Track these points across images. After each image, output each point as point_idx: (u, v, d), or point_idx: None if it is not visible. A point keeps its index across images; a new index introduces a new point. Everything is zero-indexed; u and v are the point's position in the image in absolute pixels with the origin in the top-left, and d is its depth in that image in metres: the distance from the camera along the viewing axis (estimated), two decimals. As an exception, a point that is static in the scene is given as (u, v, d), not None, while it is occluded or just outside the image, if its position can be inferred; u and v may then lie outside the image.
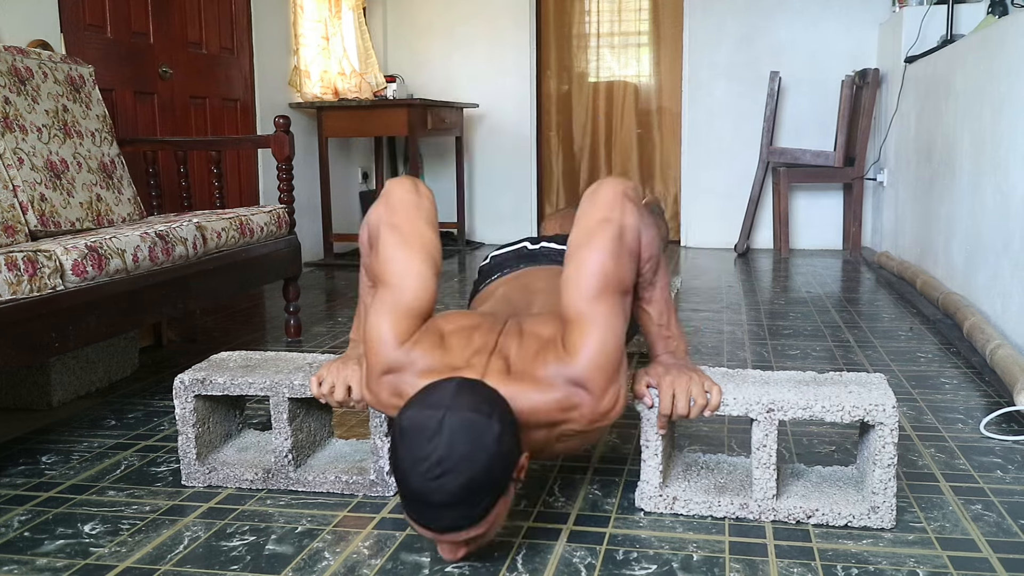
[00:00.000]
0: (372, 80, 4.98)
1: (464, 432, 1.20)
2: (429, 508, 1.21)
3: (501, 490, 1.24)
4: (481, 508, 1.22)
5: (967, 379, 2.36)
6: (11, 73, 2.43)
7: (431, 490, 1.19)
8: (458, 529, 1.23)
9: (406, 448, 1.21)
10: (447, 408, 1.22)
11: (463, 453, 1.19)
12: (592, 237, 1.42)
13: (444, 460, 1.18)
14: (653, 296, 1.54)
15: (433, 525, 1.23)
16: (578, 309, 1.38)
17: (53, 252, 1.90)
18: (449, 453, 1.18)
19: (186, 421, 1.70)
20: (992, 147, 2.83)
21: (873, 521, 1.47)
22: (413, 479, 1.20)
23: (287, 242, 2.94)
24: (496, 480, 1.22)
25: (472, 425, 1.21)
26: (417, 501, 1.21)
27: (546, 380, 1.36)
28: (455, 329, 1.45)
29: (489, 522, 1.26)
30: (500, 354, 1.41)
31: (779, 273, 4.27)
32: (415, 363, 1.40)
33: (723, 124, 5.15)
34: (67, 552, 1.44)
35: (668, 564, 1.37)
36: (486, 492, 1.21)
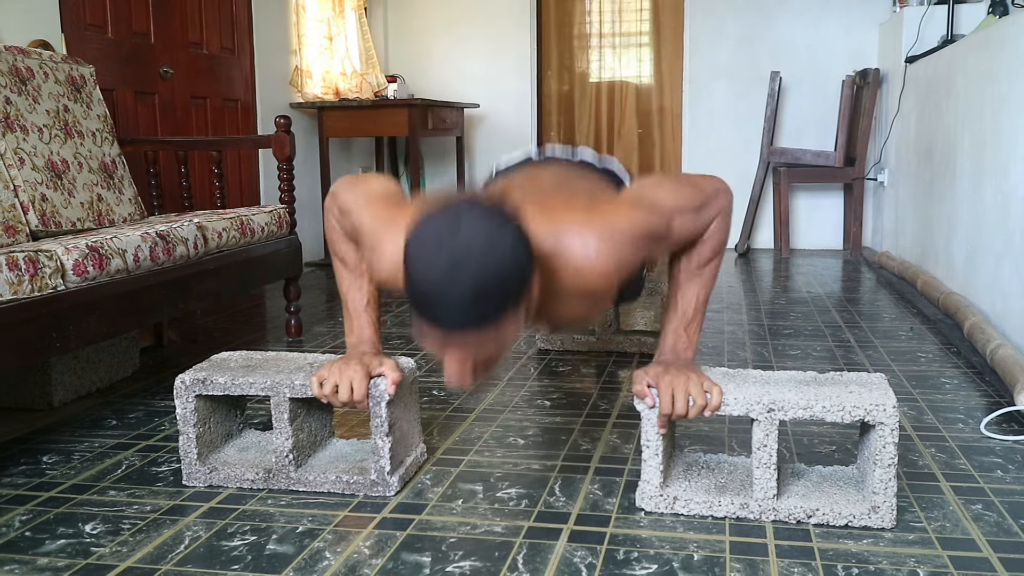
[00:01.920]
0: (373, 80, 4.98)
1: (480, 235, 1.17)
2: (440, 304, 1.18)
3: (513, 300, 1.21)
4: (492, 310, 1.19)
5: (967, 379, 2.36)
6: (12, 73, 2.43)
7: (443, 286, 1.16)
8: (468, 327, 1.20)
9: (420, 249, 1.19)
10: (462, 214, 1.20)
11: (478, 253, 1.16)
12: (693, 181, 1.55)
13: (459, 258, 1.16)
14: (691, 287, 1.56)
15: (443, 321, 1.20)
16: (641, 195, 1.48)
17: (54, 252, 1.90)
18: (464, 253, 1.16)
19: (187, 421, 1.70)
20: (993, 147, 2.83)
21: (873, 521, 1.47)
22: (425, 277, 1.17)
23: (288, 242, 2.94)
24: (510, 285, 1.19)
25: (488, 230, 1.18)
26: (428, 297, 1.18)
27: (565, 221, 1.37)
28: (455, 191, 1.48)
29: (498, 335, 1.23)
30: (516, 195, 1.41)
31: (780, 273, 4.27)
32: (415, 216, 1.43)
33: (724, 124, 5.15)
34: (68, 552, 1.44)
35: (669, 564, 1.37)
36: (499, 295, 1.19)
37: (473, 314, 1.18)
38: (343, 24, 4.84)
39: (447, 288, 1.16)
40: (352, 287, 1.70)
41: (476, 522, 1.52)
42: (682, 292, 1.55)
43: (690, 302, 1.56)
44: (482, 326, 1.20)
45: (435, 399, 2.24)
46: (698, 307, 1.56)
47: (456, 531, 1.49)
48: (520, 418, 2.09)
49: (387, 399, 1.60)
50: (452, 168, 5.50)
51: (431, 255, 1.17)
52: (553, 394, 2.29)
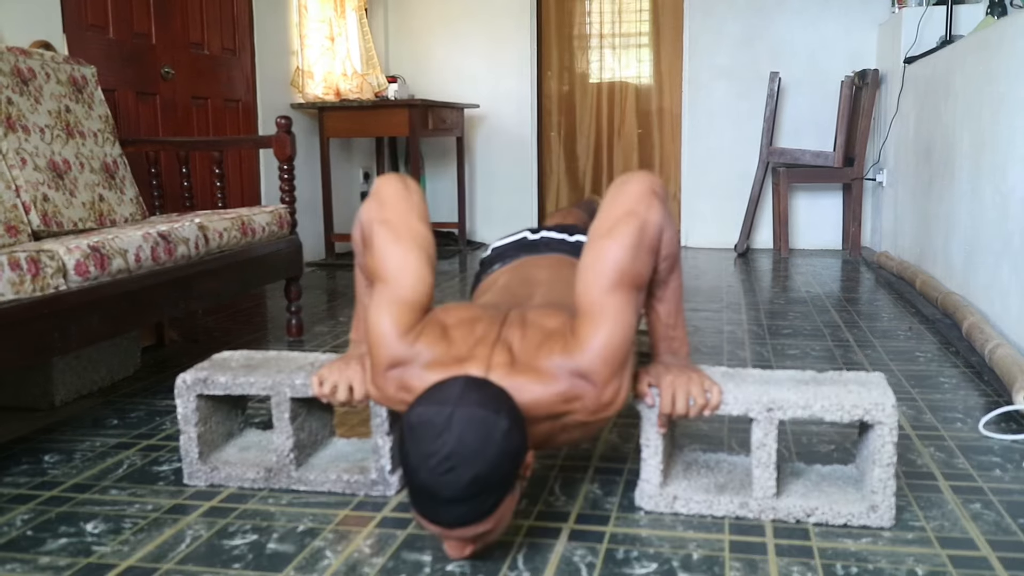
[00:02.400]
0: (373, 81, 4.99)
1: (473, 428, 1.21)
2: (437, 503, 1.22)
3: (508, 487, 1.25)
4: (489, 504, 1.23)
5: (966, 378, 2.37)
6: (14, 74, 2.44)
7: (440, 485, 1.20)
8: (466, 524, 1.24)
9: (415, 443, 1.22)
10: (455, 405, 1.23)
11: (472, 448, 1.20)
12: (614, 228, 1.42)
13: (453, 455, 1.19)
14: (665, 295, 1.55)
15: (441, 520, 1.24)
16: (591, 300, 1.39)
17: (56, 252, 1.91)
18: (458, 448, 1.19)
19: (188, 420, 1.70)
20: (991, 147, 2.84)
21: (872, 520, 1.47)
22: (422, 474, 1.21)
23: (288, 242, 2.94)
24: (504, 476, 1.23)
25: (481, 421, 1.22)
26: (425, 496, 1.22)
27: (549, 372, 1.36)
28: (457, 321, 1.46)
29: (496, 518, 1.26)
30: (503, 345, 1.41)
31: (779, 273, 4.28)
32: (420, 355, 1.41)
33: (723, 124, 5.16)
34: (69, 551, 1.45)
35: (668, 563, 1.37)
36: (494, 488, 1.22)
37: (469, 512, 1.22)
38: (344, 25, 4.84)
39: (442, 488, 1.20)
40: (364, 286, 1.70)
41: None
42: (659, 302, 1.56)
43: (669, 308, 1.56)
44: (479, 521, 1.24)
45: (435, 399, 2.25)
46: (677, 309, 1.57)
47: (456, 530, 1.49)
48: (520, 418, 2.09)
49: (388, 398, 1.61)
50: (452, 168, 5.51)
51: (424, 451, 1.21)
52: (553, 394, 2.29)
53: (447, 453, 1.19)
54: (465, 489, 1.20)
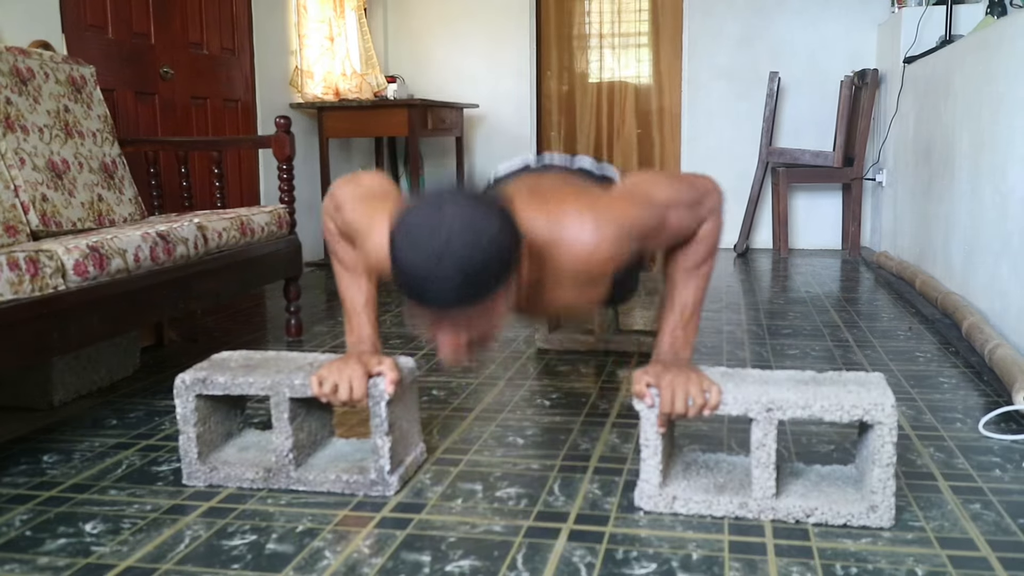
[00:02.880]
0: (373, 81, 4.99)
1: (465, 220, 1.19)
2: (430, 283, 1.19)
3: (502, 278, 1.23)
4: (481, 289, 1.21)
5: (966, 378, 2.37)
6: (13, 73, 2.44)
7: (431, 269, 1.18)
8: (459, 304, 1.21)
9: (406, 236, 1.20)
10: (447, 201, 1.21)
11: (463, 237, 1.18)
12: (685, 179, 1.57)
13: (445, 243, 1.17)
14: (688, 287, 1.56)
15: (436, 298, 1.21)
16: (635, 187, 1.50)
17: (55, 252, 1.90)
18: (450, 237, 1.17)
19: (187, 420, 1.70)
20: (991, 147, 2.84)
21: (872, 520, 1.47)
22: (413, 262, 1.19)
23: (288, 242, 2.94)
24: (497, 265, 1.21)
25: (473, 215, 1.20)
26: (418, 279, 1.20)
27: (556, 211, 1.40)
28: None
29: (489, 311, 1.25)
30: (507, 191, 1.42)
31: (778, 273, 4.28)
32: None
33: (723, 124, 5.15)
34: (68, 551, 1.45)
35: (668, 563, 1.37)
36: (486, 274, 1.20)
37: (461, 293, 1.20)
38: (343, 24, 4.84)
39: (434, 269, 1.18)
40: (351, 287, 1.71)
41: (476, 521, 1.53)
42: (678, 292, 1.56)
43: (686, 302, 1.56)
44: (471, 304, 1.22)
45: (435, 399, 2.25)
46: (694, 307, 1.57)
47: (456, 530, 1.49)
48: (520, 418, 2.09)
49: (386, 398, 1.61)
50: (452, 168, 5.51)
51: (417, 238, 1.19)
52: (552, 394, 2.29)
53: (439, 242, 1.17)
54: (457, 271, 1.17)
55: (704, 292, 1.58)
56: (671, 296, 1.57)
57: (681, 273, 1.56)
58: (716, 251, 1.57)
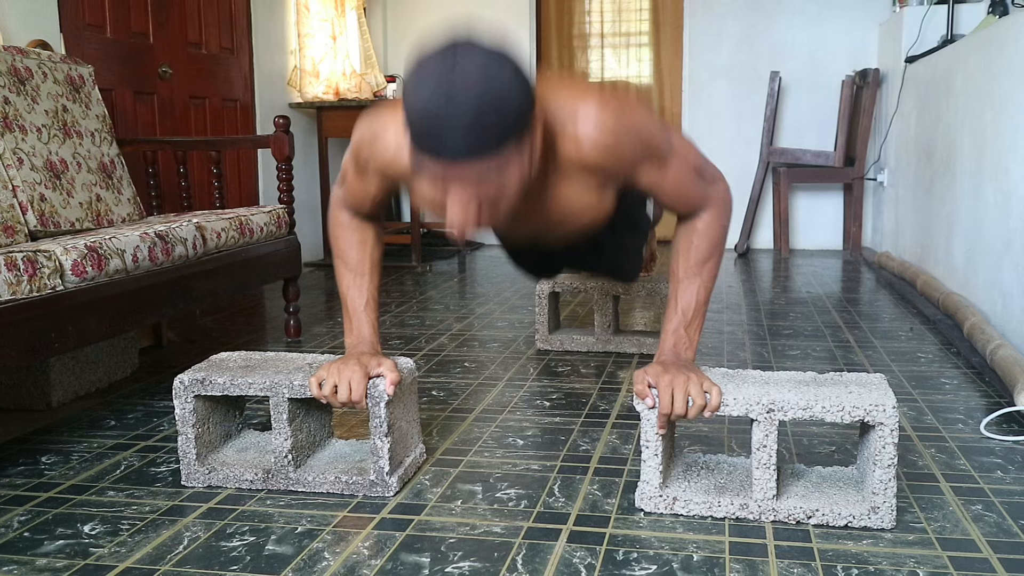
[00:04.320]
0: (372, 80, 4.98)
1: (478, 64, 1.16)
2: (440, 131, 1.15)
3: (515, 130, 1.19)
4: (494, 138, 1.17)
5: (967, 379, 2.36)
6: (11, 73, 2.43)
7: (444, 109, 1.14)
8: (471, 156, 1.17)
9: (418, 78, 1.17)
10: (460, 46, 1.18)
11: (476, 79, 1.14)
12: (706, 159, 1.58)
13: (458, 84, 1.14)
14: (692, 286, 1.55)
15: (444, 149, 1.17)
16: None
17: (53, 252, 1.90)
18: (463, 81, 1.14)
19: (186, 421, 1.70)
20: (993, 147, 2.83)
21: (873, 521, 1.47)
22: (424, 104, 1.15)
23: (287, 242, 2.94)
24: (510, 114, 1.17)
25: (486, 61, 1.17)
26: (429, 125, 1.16)
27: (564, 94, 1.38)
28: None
29: (501, 168, 1.21)
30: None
31: (779, 273, 4.27)
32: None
33: (723, 124, 5.15)
34: (67, 552, 1.44)
35: (668, 564, 1.36)
36: (499, 123, 1.16)
37: (474, 141, 1.16)
38: (344, 24, 4.84)
39: (446, 115, 1.14)
40: (352, 287, 1.70)
41: (475, 522, 1.52)
42: (682, 291, 1.55)
43: (690, 302, 1.56)
44: (483, 155, 1.18)
45: (434, 399, 2.24)
46: (698, 307, 1.56)
47: (455, 531, 1.49)
48: (519, 418, 2.09)
49: (386, 399, 1.60)
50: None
51: (429, 85, 1.15)
52: (552, 394, 2.28)
53: (451, 84, 1.14)
54: (469, 115, 1.14)
55: (709, 293, 1.57)
56: (675, 296, 1.56)
57: (684, 272, 1.55)
58: (721, 249, 1.56)
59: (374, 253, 1.73)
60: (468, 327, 3.12)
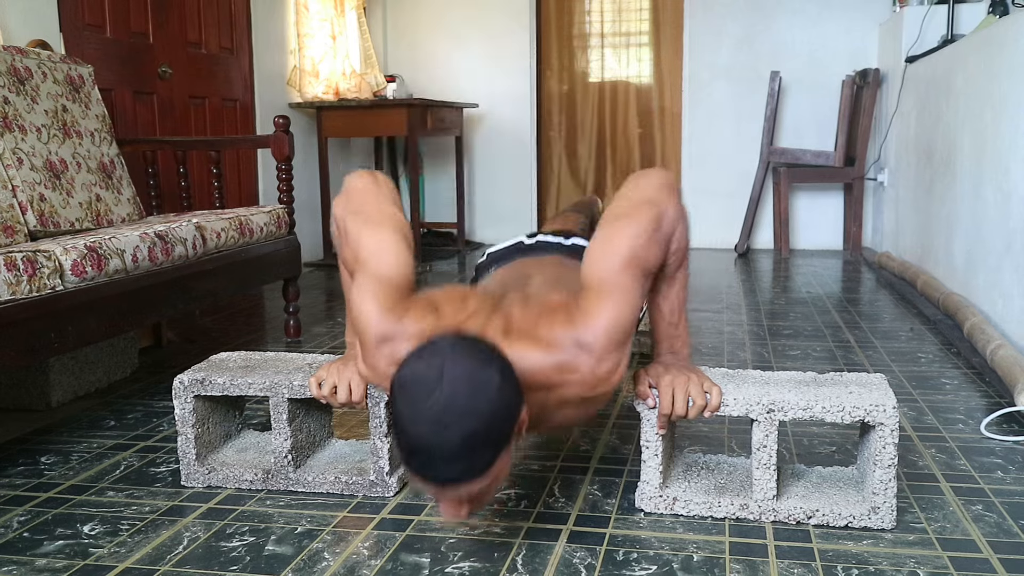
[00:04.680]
0: (372, 80, 4.98)
1: (465, 382, 1.17)
2: (432, 461, 1.18)
3: (503, 443, 1.22)
4: (484, 460, 1.19)
5: (968, 379, 2.36)
6: (10, 73, 2.43)
7: (433, 443, 1.16)
8: (461, 481, 1.20)
9: (406, 402, 1.19)
10: (446, 358, 1.20)
11: (464, 403, 1.16)
12: (632, 212, 1.42)
13: (446, 411, 1.16)
14: (670, 292, 1.54)
15: (436, 479, 1.20)
16: (601, 275, 1.37)
17: (52, 252, 1.90)
18: (450, 403, 1.16)
19: (185, 422, 1.70)
20: (993, 147, 2.83)
21: (874, 522, 1.47)
22: (414, 431, 1.18)
23: (286, 242, 2.93)
24: (498, 431, 1.20)
25: (472, 375, 1.18)
26: (419, 455, 1.18)
27: (549, 340, 1.34)
28: (448, 297, 1.43)
29: (492, 476, 1.23)
30: (501, 315, 1.39)
31: (779, 273, 4.27)
32: (407, 329, 1.38)
33: (723, 124, 5.15)
34: (66, 553, 1.44)
35: (668, 565, 1.36)
36: (489, 444, 1.19)
37: (464, 468, 1.19)
38: (344, 23, 4.84)
39: (436, 445, 1.17)
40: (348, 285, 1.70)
41: (475, 523, 1.52)
42: (662, 298, 1.55)
43: (672, 305, 1.56)
44: (472, 478, 1.21)
45: (434, 399, 2.24)
46: (680, 307, 1.57)
47: (455, 532, 1.49)
48: (519, 418, 2.08)
49: (385, 399, 1.60)
50: (451, 168, 5.50)
51: (417, 409, 1.18)
52: (552, 394, 2.28)
53: (440, 409, 1.16)
54: (459, 445, 1.16)
55: (686, 291, 1.57)
56: (656, 304, 1.56)
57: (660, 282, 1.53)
58: (688, 251, 1.53)
59: None
60: (468, 327, 3.11)
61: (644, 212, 1.41)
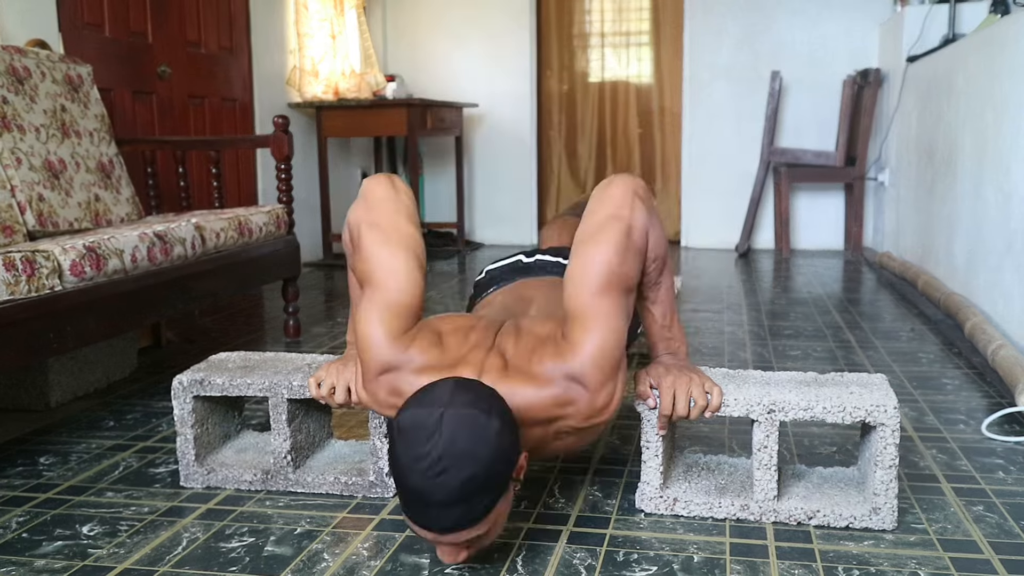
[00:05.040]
0: (372, 80, 4.98)
1: (463, 429, 1.19)
2: (429, 508, 1.20)
3: (502, 489, 1.23)
4: (482, 507, 1.21)
5: (969, 380, 2.35)
6: (9, 72, 2.42)
7: (431, 489, 1.18)
8: (459, 529, 1.22)
9: (404, 447, 1.20)
10: (445, 406, 1.21)
11: (463, 450, 1.18)
12: (599, 233, 1.41)
13: (444, 458, 1.17)
14: (658, 296, 1.54)
15: (433, 526, 1.22)
16: (581, 303, 1.38)
17: (51, 252, 1.89)
18: (449, 450, 1.17)
19: (185, 422, 1.69)
20: (994, 147, 2.82)
21: (874, 522, 1.46)
22: (412, 478, 1.19)
23: (286, 242, 2.93)
24: (496, 478, 1.21)
25: (471, 422, 1.20)
26: (416, 501, 1.20)
27: (543, 376, 1.35)
28: (451, 328, 1.45)
29: (490, 522, 1.24)
30: (497, 351, 1.41)
31: (780, 273, 4.26)
32: (412, 360, 1.40)
33: (724, 124, 5.14)
34: (65, 553, 1.44)
35: (669, 565, 1.36)
36: (486, 490, 1.20)
37: (462, 514, 1.20)
38: (343, 23, 4.83)
39: (434, 493, 1.18)
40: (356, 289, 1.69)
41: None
42: (650, 303, 1.56)
43: (663, 309, 1.56)
44: (472, 525, 1.22)
45: (434, 400, 2.23)
46: (671, 309, 1.57)
47: (455, 533, 1.48)
48: (519, 419, 2.08)
49: (385, 400, 1.59)
50: (451, 168, 5.50)
51: (415, 453, 1.19)
52: (552, 395, 2.28)
53: (438, 455, 1.17)
54: (457, 492, 1.18)
55: (672, 292, 1.57)
56: (647, 309, 1.57)
57: (646, 290, 1.53)
58: (667, 254, 1.53)
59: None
60: (468, 327, 3.11)
61: (611, 230, 1.41)
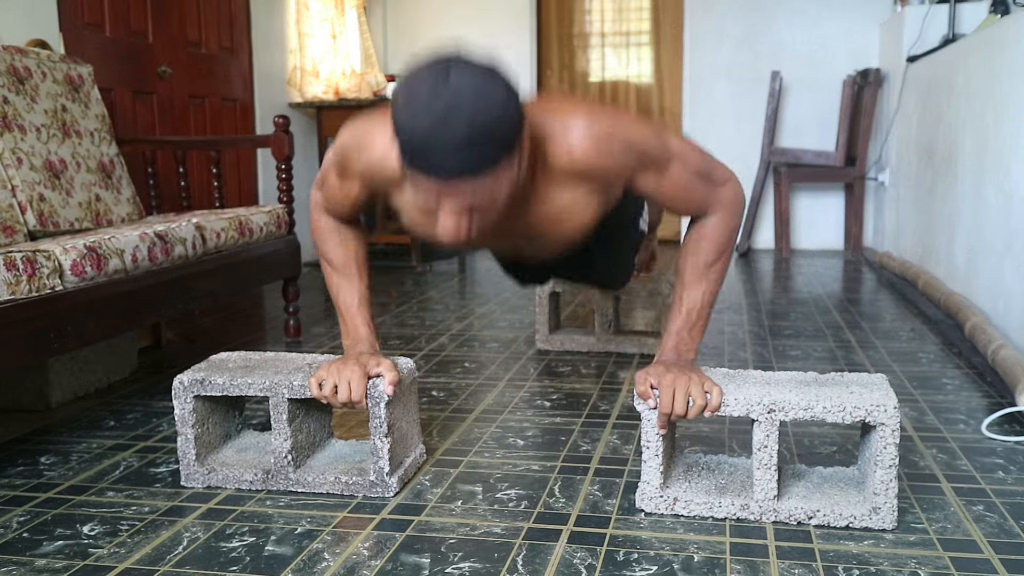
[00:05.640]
0: (372, 80, 4.98)
1: (471, 82, 1.17)
2: (435, 149, 1.17)
3: (509, 147, 1.21)
4: (488, 154, 1.19)
5: (969, 380, 2.35)
6: (10, 72, 2.43)
7: (437, 134, 1.16)
8: (464, 174, 1.19)
9: (408, 99, 1.18)
10: (451, 66, 1.19)
11: (471, 97, 1.16)
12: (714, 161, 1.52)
13: (451, 102, 1.15)
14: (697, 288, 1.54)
15: (443, 166, 1.19)
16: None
17: (52, 252, 1.89)
18: (457, 98, 1.15)
19: (185, 422, 1.69)
20: (994, 147, 2.83)
21: (874, 522, 1.46)
22: (417, 126, 1.17)
23: (286, 242, 2.93)
24: (505, 130, 1.19)
25: (479, 78, 1.18)
26: (422, 144, 1.17)
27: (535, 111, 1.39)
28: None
29: (496, 179, 1.22)
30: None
31: (780, 273, 4.27)
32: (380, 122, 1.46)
33: (724, 124, 5.14)
34: (66, 553, 1.44)
35: (669, 565, 1.36)
36: (495, 140, 1.18)
37: (468, 158, 1.17)
38: (344, 23, 4.83)
39: (441, 132, 1.16)
40: (342, 288, 1.70)
41: (475, 523, 1.52)
42: (688, 293, 1.55)
43: (695, 304, 1.55)
44: (477, 171, 1.20)
45: (434, 400, 2.24)
46: (703, 309, 1.55)
47: (455, 532, 1.48)
48: (520, 419, 2.08)
49: (386, 399, 1.60)
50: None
51: (422, 102, 1.17)
52: (553, 395, 2.28)
53: (444, 105, 1.15)
54: (465, 135, 1.15)
55: (714, 296, 1.56)
56: (680, 296, 1.55)
57: (690, 273, 1.54)
58: (729, 252, 1.54)
59: (358, 253, 1.72)
60: (468, 327, 3.11)
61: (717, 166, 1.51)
